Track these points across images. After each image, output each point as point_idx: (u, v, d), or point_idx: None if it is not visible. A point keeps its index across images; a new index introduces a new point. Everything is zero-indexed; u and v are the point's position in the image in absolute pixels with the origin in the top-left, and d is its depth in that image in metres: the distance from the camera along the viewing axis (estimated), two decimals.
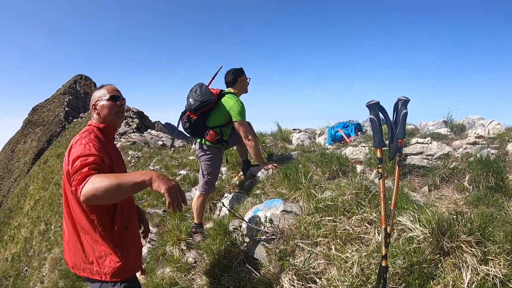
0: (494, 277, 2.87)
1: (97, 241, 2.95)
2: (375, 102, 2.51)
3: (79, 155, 2.66)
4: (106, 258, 2.95)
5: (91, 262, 2.98)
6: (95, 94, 3.19)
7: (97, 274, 2.97)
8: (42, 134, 48.95)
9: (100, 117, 3.13)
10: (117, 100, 3.16)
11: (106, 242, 2.95)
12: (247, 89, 5.68)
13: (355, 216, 3.79)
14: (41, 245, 18.04)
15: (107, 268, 2.95)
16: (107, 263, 2.95)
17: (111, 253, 2.95)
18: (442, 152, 5.07)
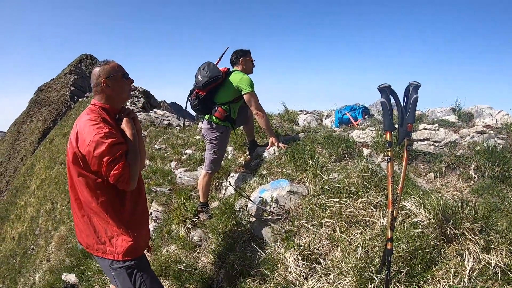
0: (495, 266, 2.87)
1: (108, 222, 3.00)
2: (386, 85, 2.52)
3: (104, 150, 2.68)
4: (118, 237, 3.01)
5: (104, 242, 3.04)
6: (101, 69, 2.99)
7: (110, 253, 3.04)
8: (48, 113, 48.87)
9: (110, 95, 3.01)
10: (128, 78, 3.10)
11: (117, 223, 3.00)
12: (251, 70, 5.73)
13: (361, 199, 3.80)
14: (48, 224, 18.13)
15: (119, 247, 3.01)
16: (119, 243, 3.01)
17: (123, 233, 3.01)
18: (449, 139, 5.05)
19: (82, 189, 2.97)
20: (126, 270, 3.06)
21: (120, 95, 3.04)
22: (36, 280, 10.46)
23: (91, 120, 2.81)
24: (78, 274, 6.79)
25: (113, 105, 3.05)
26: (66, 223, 14.14)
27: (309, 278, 3.32)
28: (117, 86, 3.01)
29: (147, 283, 3.13)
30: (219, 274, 4.33)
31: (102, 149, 2.66)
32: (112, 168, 2.68)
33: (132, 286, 3.09)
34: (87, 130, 2.75)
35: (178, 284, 4.58)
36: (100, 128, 2.74)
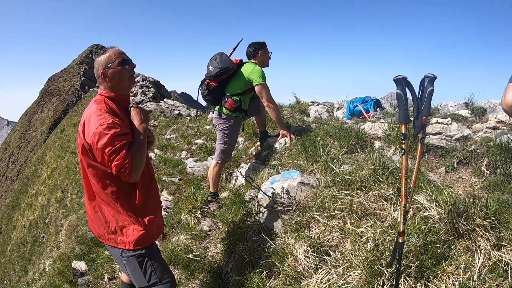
0: (506, 264, 2.85)
1: (119, 212, 3.01)
2: (402, 77, 2.49)
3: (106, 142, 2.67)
4: (129, 227, 3.03)
5: (115, 231, 3.06)
6: (100, 60, 2.95)
7: (121, 243, 3.06)
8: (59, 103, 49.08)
9: (112, 85, 2.97)
10: (127, 64, 2.99)
11: (128, 212, 3.01)
12: (268, 63, 5.68)
13: (372, 192, 3.78)
14: (58, 212, 18.26)
15: (130, 237, 3.02)
16: (130, 232, 3.02)
17: (134, 223, 3.02)
18: (461, 134, 5.02)
19: (92, 179, 2.99)
20: (137, 258, 3.08)
21: (121, 83, 2.99)
22: (46, 268, 10.55)
23: (96, 110, 2.80)
24: (88, 262, 6.83)
25: (118, 93, 3.01)
26: (76, 211, 14.24)
27: (319, 270, 3.32)
28: (116, 76, 2.94)
29: (158, 272, 3.15)
30: (228, 264, 4.34)
31: (104, 141, 2.65)
32: (113, 159, 2.67)
33: (143, 274, 3.11)
34: (92, 122, 2.75)
35: (187, 273, 4.60)
36: (104, 119, 2.72)
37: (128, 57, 3.04)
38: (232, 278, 4.14)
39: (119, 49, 3.01)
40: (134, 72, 3.08)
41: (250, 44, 5.62)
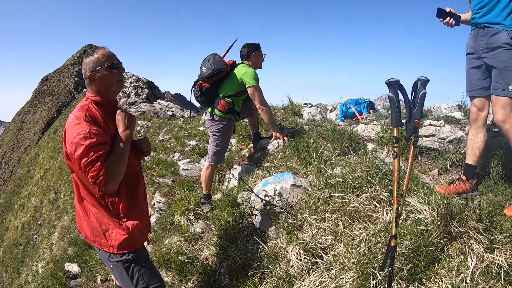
0: (498, 266, 2.86)
1: (103, 215, 2.98)
2: (394, 80, 2.49)
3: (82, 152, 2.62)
4: (112, 231, 2.99)
5: (98, 235, 3.03)
6: (88, 61, 2.85)
7: (105, 246, 3.03)
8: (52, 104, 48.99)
9: (99, 89, 2.90)
10: (116, 68, 2.90)
11: (112, 216, 2.97)
12: (261, 65, 5.68)
13: (365, 194, 3.77)
14: (51, 214, 18.23)
15: (113, 241, 2.99)
16: (113, 236, 2.98)
17: (117, 226, 2.98)
18: (454, 136, 5.03)
19: (78, 182, 2.97)
20: (124, 264, 3.06)
21: (108, 88, 2.91)
22: (39, 270, 10.53)
23: (74, 119, 2.75)
24: (81, 264, 6.83)
25: (107, 96, 2.95)
26: (69, 213, 14.20)
27: (311, 273, 3.31)
28: (104, 79, 2.86)
29: (145, 277, 3.13)
30: (221, 267, 4.33)
31: (80, 151, 2.60)
32: (89, 170, 2.62)
33: (130, 279, 3.10)
34: (70, 131, 2.71)
35: (180, 276, 4.60)
36: (81, 128, 2.66)
37: (118, 61, 2.94)
38: (225, 281, 4.14)
39: (109, 51, 2.92)
40: (122, 77, 3.01)
41: (244, 45, 5.62)
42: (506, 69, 3.79)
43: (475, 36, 4.06)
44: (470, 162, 4.22)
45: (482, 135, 4.15)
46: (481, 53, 3.99)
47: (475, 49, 4.08)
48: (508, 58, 3.79)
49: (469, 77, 4.21)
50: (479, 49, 4.02)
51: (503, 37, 3.79)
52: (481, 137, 4.15)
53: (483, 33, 3.96)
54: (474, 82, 4.14)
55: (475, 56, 4.10)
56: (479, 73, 4.08)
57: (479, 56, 4.03)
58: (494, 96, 3.88)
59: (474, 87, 4.15)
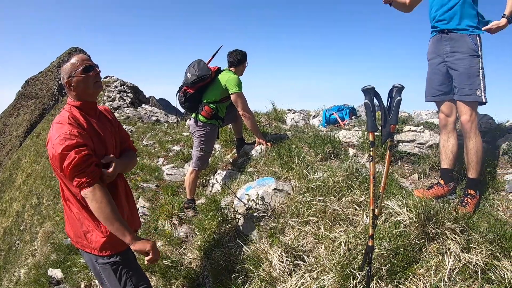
0: (475, 265, 2.93)
1: (83, 216, 2.99)
2: (370, 87, 2.57)
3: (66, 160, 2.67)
4: (92, 233, 3.00)
5: (80, 236, 3.04)
6: (64, 68, 2.89)
7: (87, 247, 3.05)
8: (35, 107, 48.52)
9: (78, 94, 2.92)
10: (91, 71, 2.92)
11: (92, 217, 2.97)
12: (243, 73, 5.78)
13: (345, 198, 3.85)
14: (33, 219, 17.97)
15: (94, 243, 3.00)
16: (93, 238, 3.00)
17: (96, 229, 2.99)
18: (433, 141, 5.13)
19: (61, 183, 2.99)
20: (111, 266, 3.07)
21: (85, 91, 2.93)
22: (21, 276, 10.41)
23: (58, 122, 2.81)
24: (64, 270, 6.75)
25: (86, 100, 2.97)
26: (52, 218, 14.03)
27: (293, 274, 3.36)
28: (80, 83, 2.89)
29: (133, 279, 3.15)
30: (205, 270, 4.36)
31: (59, 152, 2.67)
32: (71, 172, 2.70)
33: (118, 281, 3.11)
34: (53, 133, 2.77)
35: (164, 280, 4.61)
36: (63, 130, 2.72)
37: (93, 63, 2.96)
38: (209, 284, 4.17)
39: (82, 55, 2.96)
40: (99, 78, 3.03)
41: (234, 52, 5.65)
42: (472, 75, 3.92)
43: (438, 41, 4.17)
44: (445, 166, 4.34)
45: (453, 139, 4.29)
46: (445, 57, 4.10)
47: (437, 54, 4.19)
48: (474, 64, 3.92)
49: (430, 83, 4.33)
50: (442, 54, 4.12)
51: (468, 42, 3.93)
52: (453, 141, 4.28)
53: (447, 38, 4.07)
54: (435, 87, 4.27)
55: (437, 61, 4.21)
56: (442, 78, 4.20)
57: (442, 60, 4.14)
58: (462, 103, 4.01)
59: (436, 92, 4.28)
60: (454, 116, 4.28)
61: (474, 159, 4.01)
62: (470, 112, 3.96)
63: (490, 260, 2.94)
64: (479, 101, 3.94)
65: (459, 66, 3.99)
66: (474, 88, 3.92)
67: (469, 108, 3.97)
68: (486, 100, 3.94)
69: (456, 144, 4.29)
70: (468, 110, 3.97)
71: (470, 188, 4.06)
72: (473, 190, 4.05)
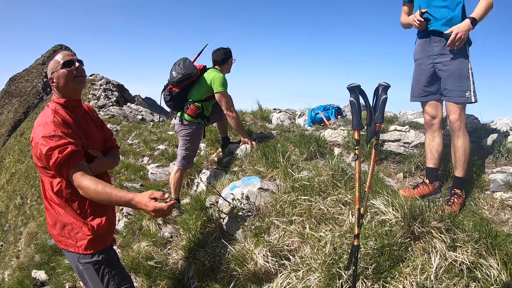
0: (461, 264, 2.94)
1: (68, 215, 2.95)
2: (356, 85, 2.56)
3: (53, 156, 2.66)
4: (78, 230, 2.96)
5: (64, 235, 3.00)
6: (48, 67, 2.94)
7: (71, 246, 3.00)
8: (19, 105, 48.13)
9: (61, 90, 2.92)
10: (72, 65, 2.90)
11: (77, 216, 2.94)
12: (230, 70, 5.72)
13: (330, 197, 3.84)
14: (17, 220, 17.82)
15: (79, 241, 2.96)
16: (79, 236, 2.96)
17: (82, 226, 2.95)
18: (419, 141, 5.16)
19: (45, 181, 2.96)
20: (94, 265, 3.02)
21: (66, 87, 2.92)
22: (5, 278, 10.30)
23: (41, 120, 2.80)
24: (48, 271, 6.70)
25: (70, 97, 2.96)
26: (36, 218, 13.93)
27: (279, 274, 3.34)
28: (61, 80, 2.89)
29: (115, 279, 3.11)
30: (190, 270, 4.33)
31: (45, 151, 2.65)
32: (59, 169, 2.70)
33: (100, 281, 3.06)
34: (36, 132, 2.75)
35: (149, 281, 4.57)
36: (47, 129, 2.71)
37: (74, 58, 2.95)
38: (194, 284, 4.13)
39: (66, 51, 2.99)
40: (81, 73, 2.99)
41: (217, 51, 5.61)
42: (462, 77, 3.96)
43: (427, 42, 4.19)
44: (430, 165, 4.39)
45: (438, 138, 4.34)
46: (434, 59, 4.13)
47: (426, 55, 4.21)
48: (464, 66, 3.96)
49: (417, 83, 4.36)
50: (431, 55, 4.15)
51: None
52: (438, 140, 4.33)
53: (437, 40, 4.10)
54: (422, 88, 4.31)
55: (425, 62, 4.23)
56: (429, 78, 4.23)
57: (431, 62, 4.16)
58: (451, 103, 4.06)
59: (423, 93, 4.32)
60: (440, 116, 4.32)
61: (462, 157, 4.05)
62: (459, 111, 4.01)
63: (476, 259, 2.96)
64: (469, 102, 3.99)
65: (449, 68, 4.03)
66: (463, 90, 3.96)
67: (458, 108, 4.02)
68: (476, 100, 3.98)
69: (441, 143, 4.33)
70: (457, 110, 4.02)
71: (457, 187, 4.09)
72: (459, 189, 4.08)
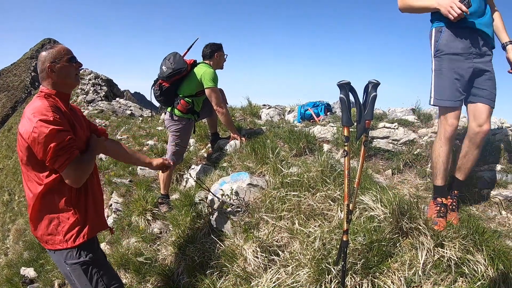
0: (449, 259, 2.99)
1: (54, 208, 2.92)
2: (346, 82, 2.57)
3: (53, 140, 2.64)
4: (65, 223, 2.92)
5: (51, 232, 2.95)
6: (47, 54, 2.85)
7: (59, 243, 2.95)
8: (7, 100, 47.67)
9: (56, 81, 2.89)
10: (74, 62, 2.95)
11: (63, 207, 2.92)
12: (222, 66, 5.72)
13: (320, 193, 3.86)
14: (5, 216, 17.62)
15: (68, 233, 2.92)
16: (66, 228, 2.92)
17: (69, 217, 2.92)
18: (407, 138, 5.20)
19: (31, 175, 2.90)
20: (81, 266, 2.98)
21: (65, 80, 2.92)
22: None
23: (37, 106, 2.75)
24: (37, 268, 6.65)
25: (60, 91, 2.94)
26: (24, 215, 13.79)
27: (268, 270, 3.36)
28: (63, 71, 2.88)
29: (104, 279, 3.08)
30: (179, 266, 4.33)
31: (44, 137, 2.62)
32: (57, 155, 2.68)
33: (89, 282, 3.02)
34: (31, 118, 2.69)
35: (138, 277, 4.56)
36: (46, 115, 2.68)
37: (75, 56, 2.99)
38: (183, 280, 4.14)
39: (67, 47, 2.96)
40: (79, 72, 3.05)
41: (206, 45, 5.62)
42: (495, 82, 3.64)
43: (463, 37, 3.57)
44: (442, 184, 3.82)
45: (451, 150, 3.79)
46: (473, 58, 3.56)
47: (464, 52, 3.58)
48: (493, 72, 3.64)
49: (453, 84, 3.62)
50: (471, 53, 3.57)
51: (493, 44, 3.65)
52: (448, 152, 3.76)
53: (476, 37, 3.56)
54: (458, 90, 3.61)
55: (462, 60, 3.59)
56: (466, 80, 3.60)
57: (470, 61, 3.57)
58: (487, 106, 3.57)
59: (460, 96, 3.63)
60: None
61: (471, 165, 3.81)
62: (489, 119, 3.58)
63: (463, 254, 3.00)
64: None
65: (490, 70, 3.59)
66: (495, 94, 3.61)
67: (489, 115, 3.59)
68: None
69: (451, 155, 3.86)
70: (489, 118, 3.58)
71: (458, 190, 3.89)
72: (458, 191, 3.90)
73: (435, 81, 3.71)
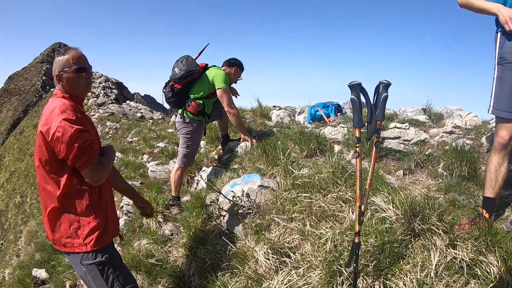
0: (461, 261, 2.96)
1: (76, 212, 2.91)
2: (357, 83, 2.56)
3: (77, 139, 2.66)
4: (85, 227, 2.92)
5: (70, 236, 2.94)
6: (58, 60, 2.83)
7: (77, 246, 2.94)
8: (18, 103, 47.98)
9: (65, 89, 2.88)
10: (84, 71, 2.88)
11: (84, 211, 2.91)
12: (233, 81, 5.87)
13: (331, 194, 3.85)
14: (17, 218, 17.79)
15: (87, 237, 2.92)
16: (86, 232, 2.91)
17: (90, 221, 2.92)
18: (419, 138, 5.16)
19: (48, 179, 2.89)
20: (97, 266, 2.98)
21: (74, 90, 2.89)
22: (5, 276, 10.27)
23: (59, 106, 2.74)
24: (49, 270, 6.68)
25: (74, 95, 2.93)
26: (36, 217, 13.92)
27: (279, 271, 3.36)
28: (71, 81, 2.85)
29: (120, 279, 3.07)
30: (191, 268, 4.33)
31: (69, 136, 2.62)
32: (81, 153, 2.69)
33: (105, 282, 3.02)
34: (54, 117, 2.68)
35: (150, 279, 4.56)
36: (68, 114, 2.67)
37: (88, 64, 2.93)
38: (195, 282, 4.14)
39: (80, 52, 2.89)
40: (90, 80, 2.99)
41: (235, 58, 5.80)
42: None
43: None
44: (491, 195, 3.60)
45: (507, 163, 3.56)
46: None
47: None
48: None
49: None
50: None
51: None
52: (506, 165, 3.56)
53: None
54: None
55: None
56: None
57: None
58: None
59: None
60: None
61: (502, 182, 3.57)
62: None
63: (476, 256, 2.97)
64: None
65: None
66: None
67: None
68: None
69: (508, 169, 3.61)
70: None
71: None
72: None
73: (496, 89, 3.51)
